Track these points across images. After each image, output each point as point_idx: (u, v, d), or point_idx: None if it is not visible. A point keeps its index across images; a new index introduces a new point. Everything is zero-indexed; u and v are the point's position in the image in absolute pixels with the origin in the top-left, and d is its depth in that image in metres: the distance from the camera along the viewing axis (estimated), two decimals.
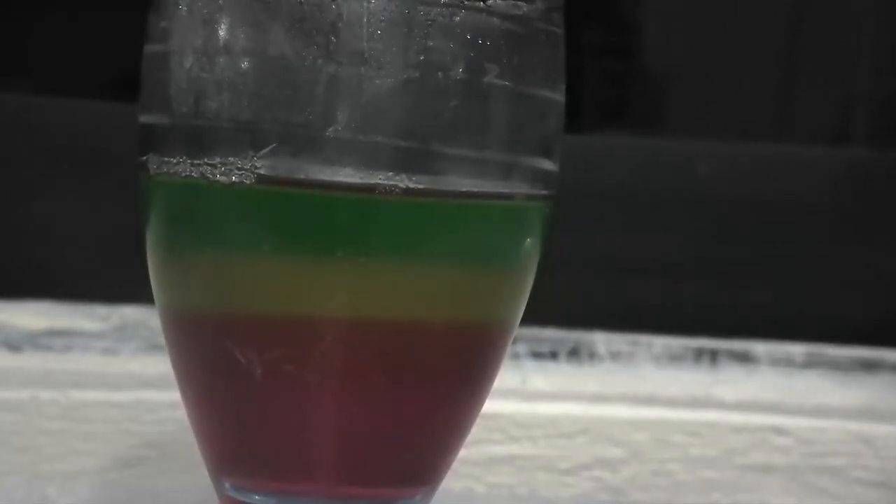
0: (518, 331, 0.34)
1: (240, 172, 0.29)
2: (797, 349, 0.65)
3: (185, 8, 0.30)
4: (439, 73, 0.29)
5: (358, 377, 0.31)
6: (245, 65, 0.29)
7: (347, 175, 0.29)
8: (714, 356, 0.64)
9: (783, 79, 0.74)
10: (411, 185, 0.29)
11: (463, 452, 0.34)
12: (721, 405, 0.61)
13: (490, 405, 0.34)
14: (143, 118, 0.31)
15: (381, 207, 0.29)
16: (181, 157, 0.30)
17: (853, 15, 0.74)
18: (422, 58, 0.29)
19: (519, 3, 0.30)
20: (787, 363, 0.64)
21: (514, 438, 0.59)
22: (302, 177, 0.29)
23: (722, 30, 0.74)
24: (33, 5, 0.68)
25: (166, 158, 0.30)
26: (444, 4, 0.29)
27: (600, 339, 0.63)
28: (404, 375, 0.31)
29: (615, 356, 0.63)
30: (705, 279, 0.69)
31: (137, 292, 0.39)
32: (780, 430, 0.60)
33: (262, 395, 0.31)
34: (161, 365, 0.55)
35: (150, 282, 0.33)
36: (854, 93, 0.75)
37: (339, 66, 0.29)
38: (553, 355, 0.62)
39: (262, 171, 0.29)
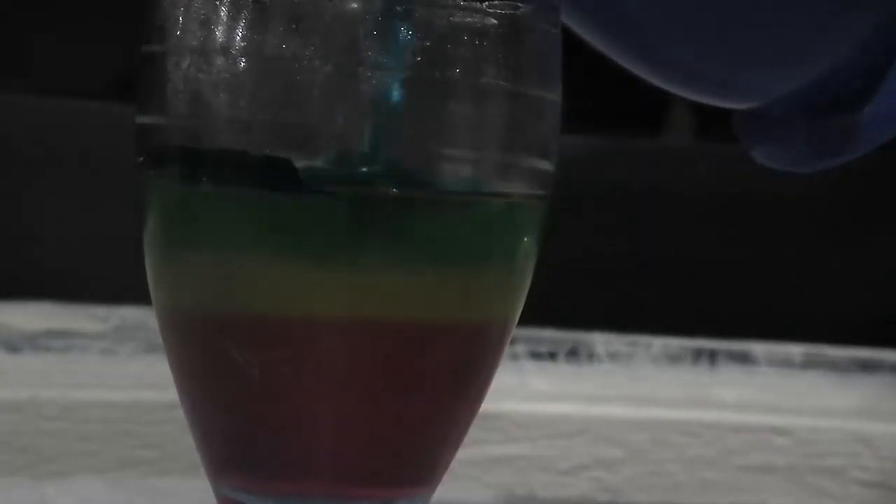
0: (517, 331, 0.34)
1: (237, 174, 0.29)
2: (796, 349, 0.65)
3: (181, 9, 0.30)
4: (436, 74, 0.29)
5: (355, 378, 0.31)
6: (242, 65, 0.29)
7: (344, 176, 0.29)
8: (713, 356, 0.64)
9: None
10: (408, 186, 0.29)
11: (462, 453, 0.34)
12: (720, 405, 0.61)
13: (489, 405, 0.34)
14: (140, 119, 0.31)
15: (377, 208, 0.29)
16: (177, 159, 0.30)
17: None
18: (418, 58, 0.29)
19: (516, 2, 0.30)
20: (786, 363, 0.64)
21: (513, 439, 0.59)
22: (299, 178, 0.29)
23: None
24: (33, 5, 0.68)
25: (163, 160, 0.30)
26: (441, 5, 0.29)
27: (599, 340, 0.63)
28: (402, 375, 0.31)
29: (614, 357, 0.63)
30: (705, 279, 0.69)
31: (136, 293, 0.39)
32: (778, 431, 0.60)
33: (259, 395, 0.31)
34: (160, 366, 0.55)
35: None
36: None
37: (336, 67, 0.29)
38: (552, 356, 0.62)
39: (258, 173, 0.29)
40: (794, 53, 0.33)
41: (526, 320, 0.34)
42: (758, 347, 0.64)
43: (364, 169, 0.29)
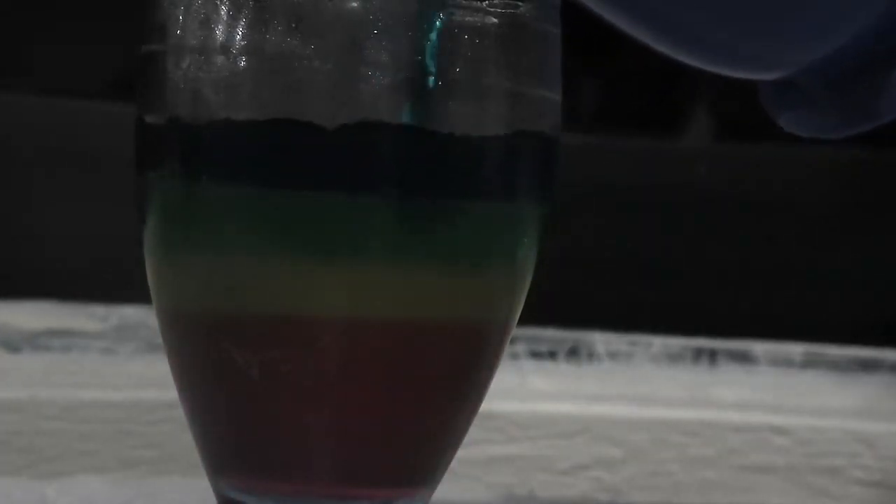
0: (517, 331, 0.34)
1: (237, 174, 0.29)
2: (796, 349, 0.65)
3: (181, 8, 0.30)
4: (435, 74, 0.29)
5: (355, 378, 0.31)
6: (242, 64, 0.29)
7: (345, 176, 0.29)
8: (713, 356, 0.64)
9: None
10: (408, 186, 0.29)
11: (462, 452, 0.34)
12: (720, 405, 0.61)
13: (489, 405, 0.34)
14: (140, 119, 0.31)
15: (378, 208, 0.29)
16: (178, 159, 0.30)
17: None
18: (419, 58, 0.29)
19: (516, 2, 0.30)
20: (786, 363, 0.64)
21: (513, 438, 0.59)
22: (299, 178, 0.29)
23: None
24: (33, 5, 0.68)
25: (163, 159, 0.30)
26: (441, 4, 0.29)
27: (599, 339, 0.63)
28: (401, 376, 0.31)
29: (614, 356, 0.63)
30: (705, 279, 0.69)
31: (137, 293, 0.39)
32: (778, 430, 0.60)
33: (259, 395, 0.31)
34: (160, 365, 0.55)
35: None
36: None
37: (336, 66, 0.29)
38: (552, 355, 0.62)
39: (259, 173, 0.29)
40: (818, 22, 0.33)
41: (526, 320, 0.34)
42: (758, 347, 0.64)
43: (363, 169, 0.29)
